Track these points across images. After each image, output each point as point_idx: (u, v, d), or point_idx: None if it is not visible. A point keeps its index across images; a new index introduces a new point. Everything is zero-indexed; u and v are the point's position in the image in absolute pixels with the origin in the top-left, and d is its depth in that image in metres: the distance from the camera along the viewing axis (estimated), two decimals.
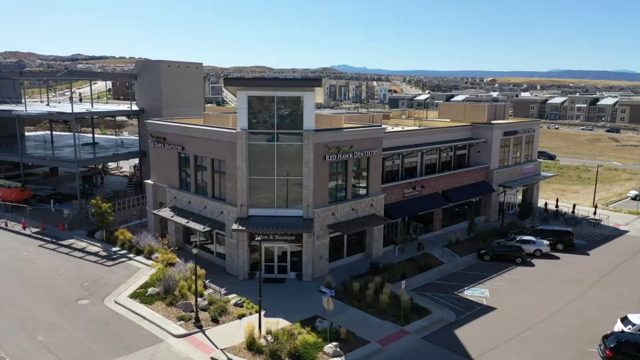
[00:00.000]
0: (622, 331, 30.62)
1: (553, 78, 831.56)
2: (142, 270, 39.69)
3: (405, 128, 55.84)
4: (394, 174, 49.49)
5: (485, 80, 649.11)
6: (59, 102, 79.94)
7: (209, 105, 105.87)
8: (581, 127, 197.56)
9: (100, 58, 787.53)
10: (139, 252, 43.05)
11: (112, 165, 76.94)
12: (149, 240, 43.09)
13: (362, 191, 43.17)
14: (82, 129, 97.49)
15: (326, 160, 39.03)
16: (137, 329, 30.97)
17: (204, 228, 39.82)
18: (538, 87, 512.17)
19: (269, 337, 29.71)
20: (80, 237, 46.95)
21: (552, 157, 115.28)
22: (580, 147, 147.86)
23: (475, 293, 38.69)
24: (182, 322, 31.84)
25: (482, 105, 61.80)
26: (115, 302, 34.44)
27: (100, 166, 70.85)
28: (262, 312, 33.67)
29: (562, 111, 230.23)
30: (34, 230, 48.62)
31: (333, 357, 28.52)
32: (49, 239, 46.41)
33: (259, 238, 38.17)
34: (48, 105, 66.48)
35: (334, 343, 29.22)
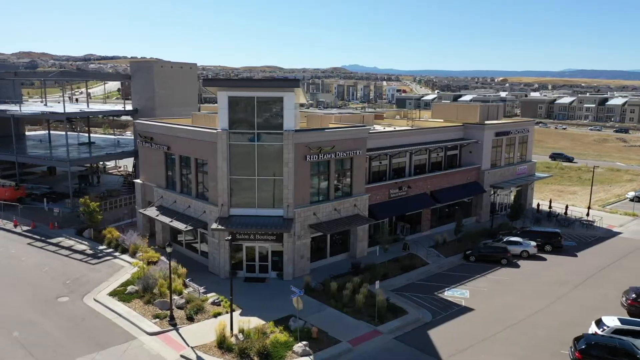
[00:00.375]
0: (596, 333, 30.41)
1: (566, 78, 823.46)
2: (126, 269, 40.16)
3: (397, 128, 55.93)
4: (381, 174, 49.54)
5: (496, 80, 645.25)
6: (58, 102, 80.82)
7: (209, 105, 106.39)
8: (589, 128, 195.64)
9: (112, 58, 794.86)
10: (124, 251, 43.56)
11: (110, 164, 77.76)
12: (134, 239, 43.55)
13: (346, 191, 43.26)
14: (86, 129, 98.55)
15: (307, 160, 39.19)
16: (112, 327, 31.38)
17: (186, 227, 40.22)
18: (549, 87, 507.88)
19: (240, 336, 29.94)
20: (69, 235, 47.59)
21: (570, 159, 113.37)
22: (586, 148, 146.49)
23: (455, 294, 38.63)
24: (157, 320, 32.21)
25: (475, 106, 61.61)
26: (95, 299, 34.91)
27: (97, 165, 71.64)
28: (239, 311, 34.18)
29: (571, 111, 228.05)
30: (25, 228, 49.37)
31: (302, 356, 28.71)
32: (38, 237, 47.11)
33: (240, 237, 38.85)
34: (45, 105, 67.41)
35: (304, 342, 29.39)
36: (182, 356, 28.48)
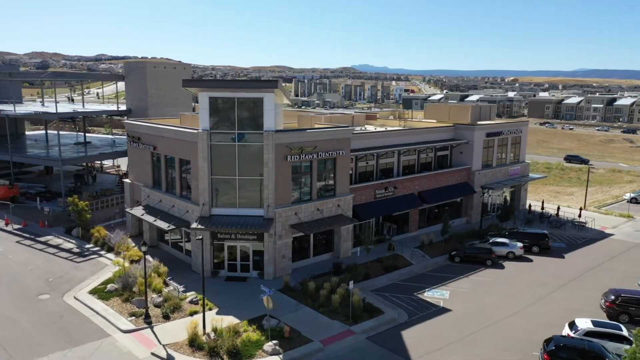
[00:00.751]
0: (568, 335, 30.31)
1: (578, 78, 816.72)
2: (109, 267, 40.65)
3: (388, 128, 56.02)
4: (368, 175, 49.61)
5: (506, 80, 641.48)
6: (58, 102, 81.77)
7: None
8: (596, 128, 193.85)
9: (124, 58, 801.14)
10: (110, 250, 44.07)
11: (108, 163, 78.55)
12: (119, 238, 44.03)
13: (329, 191, 43.41)
14: (88, 129, 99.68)
15: (288, 160, 39.39)
16: (88, 324, 31.84)
17: (168, 226, 40.64)
18: (560, 87, 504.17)
19: (212, 335, 30.22)
20: (58, 234, 48.23)
21: (585, 162, 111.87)
22: (591, 148, 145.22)
23: (435, 294, 38.63)
24: (133, 318, 32.59)
25: (466, 106, 61.45)
26: (75, 297, 35.40)
27: (94, 164, 72.41)
28: (216, 310, 34.53)
29: (578, 111, 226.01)
30: (16, 227, 50.11)
31: (271, 355, 28.95)
32: (27, 235, 47.81)
33: (221, 237, 39.17)
34: (42, 105, 68.33)
35: (274, 341, 29.63)
36: (152, 354, 28.83)
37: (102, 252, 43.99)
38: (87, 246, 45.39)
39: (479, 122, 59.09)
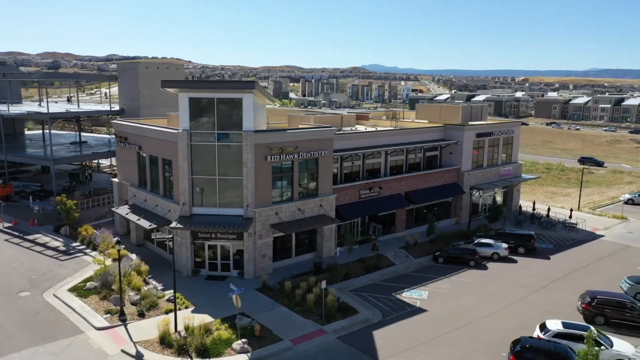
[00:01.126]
0: (538, 337, 30.25)
1: (590, 77, 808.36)
2: (92, 266, 41.16)
3: (379, 129, 56.14)
4: (354, 175, 49.74)
5: (516, 80, 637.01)
6: (57, 102, 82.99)
7: None
8: (603, 128, 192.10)
9: (134, 58, 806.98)
10: (95, 248, 44.61)
11: (106, 162, 79.38)
12: (105, 237, 44.52)
13: (311, 191, 43.59)
14: (88, 128, 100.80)
15: (268, 160, 39.65)
16: (63, 321, 32.32)
17: (150, 225, 41.09)
18: (570, 87, 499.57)
19: (183, 333, 30.56)
20: (47, 232, 48.93)
21: (600, 164, 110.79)
22: (595, 149, 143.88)
23: (413, 295, 38.68)
24: (108, 315, 33.05)
25: (457, 107, 61.29)
26: (54, 295, 35.94)
27: (90, 164, 73.21)
28: (192, 308, 34.90)
29: (585, 111, 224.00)
30: (7, 225, 50.88)
31: (239, 353, 29.23)
32: (17, 233, 48.53)
33: (202, 236, 39.55)
34: (40, 105, 69.29)
35: (243, 340, 29.91)
36: (122, 351, 29.22)
37: (88, 251, 44.59)
38: (74, 244, 46.01)
39: (470, 123, 58.97)
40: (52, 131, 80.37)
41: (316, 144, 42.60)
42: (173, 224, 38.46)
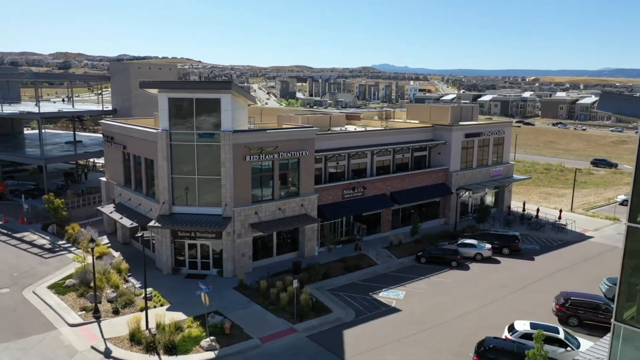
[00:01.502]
0: (506, 337, 30.26)
1: (603, 77, 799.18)
2: (74, 264, 41.74)
3: (369, 129, 56.30)
4: (339, 175, 49.91)
5: (527, 80, 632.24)
6: (62, 101, 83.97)
7: None
8: (610, 129, 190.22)
9: (144, 58, 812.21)
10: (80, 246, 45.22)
11: (101, 161, 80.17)
12: (87, 235, 45.11)
13: (293, 191, 43.84)
14: (94, 128, 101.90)
15: (247, 160, 39.98)
16: (38, 317, 32.89)
17: (131, 224, 41.61)
18: (581, 87, 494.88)
19: (153, 330, 30.99)
20: (35, 230, 49.70)
21: (613, 165, 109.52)
22: (598, 150, 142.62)
23: (390, 295, 38.79)
24: (83, 312, 33.57)
25: (446, 107, 61.19)
26: (33, 292, 36.54)
27: (86, 162, 74.08)
28: (167, 306, 35.33)
29: (593, 111, 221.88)
30: None
31: (207, 350, 29.59)
32: (5, 231, 49.34)
33: (182, 235, 39.98)
34: (37, 105, 70.22)
35: (212, 337, 30.26)
36: (92, 347, 29.71)
37: (73, 249, 45.21)
38: (60, 242, 46.69)
39: (460, 123, 58.85)
40: (53, 131, 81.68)
41: (297, 144, 42.85)
42: (151, 223, 38.93)
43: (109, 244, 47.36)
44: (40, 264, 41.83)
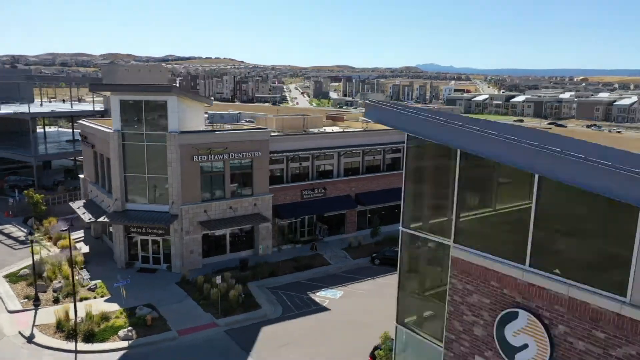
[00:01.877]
0: None
1: None
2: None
3: (349, 130, 57.00)
4: (303, 175, 50.70)
5: (574, 80, 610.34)
6: (63, 102, 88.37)
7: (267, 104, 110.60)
8: None
9: (189, 59, 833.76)
10: (50, 239, 48.01)
11: None
12: (59, 228, 47.82)
13: (246, 191, 45.07)
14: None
15: (195, 160, 41.50)
16: None
17: (89, 219, 43.94)
18: (632, 87, 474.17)
19: (79, 319, 32.89)
20: (17, 223, 52.96)
21: None
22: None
23: (327, 294, 39.40)
24: (25, 300, 35.91)
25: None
26: None
27: None
28: (107, 297, 37.26)
29: (631, 113, 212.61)
30: None
31: (123, 340, 31.23)
32: None
33: (133, 230, 41.95)
34: (41, 105, 74.58)
35: (129, 328, 31.91)
36: (19, 332, 31.88)
37: (44, 242, 47.99)
38: (36, 235, 49.53)
39: None
40: (61, 129, 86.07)
41: (249, 145, 44.05)
42: (101, 218, 41.08)
43: (82, 238, 50.04)
44: (9, 254, 44.74)
